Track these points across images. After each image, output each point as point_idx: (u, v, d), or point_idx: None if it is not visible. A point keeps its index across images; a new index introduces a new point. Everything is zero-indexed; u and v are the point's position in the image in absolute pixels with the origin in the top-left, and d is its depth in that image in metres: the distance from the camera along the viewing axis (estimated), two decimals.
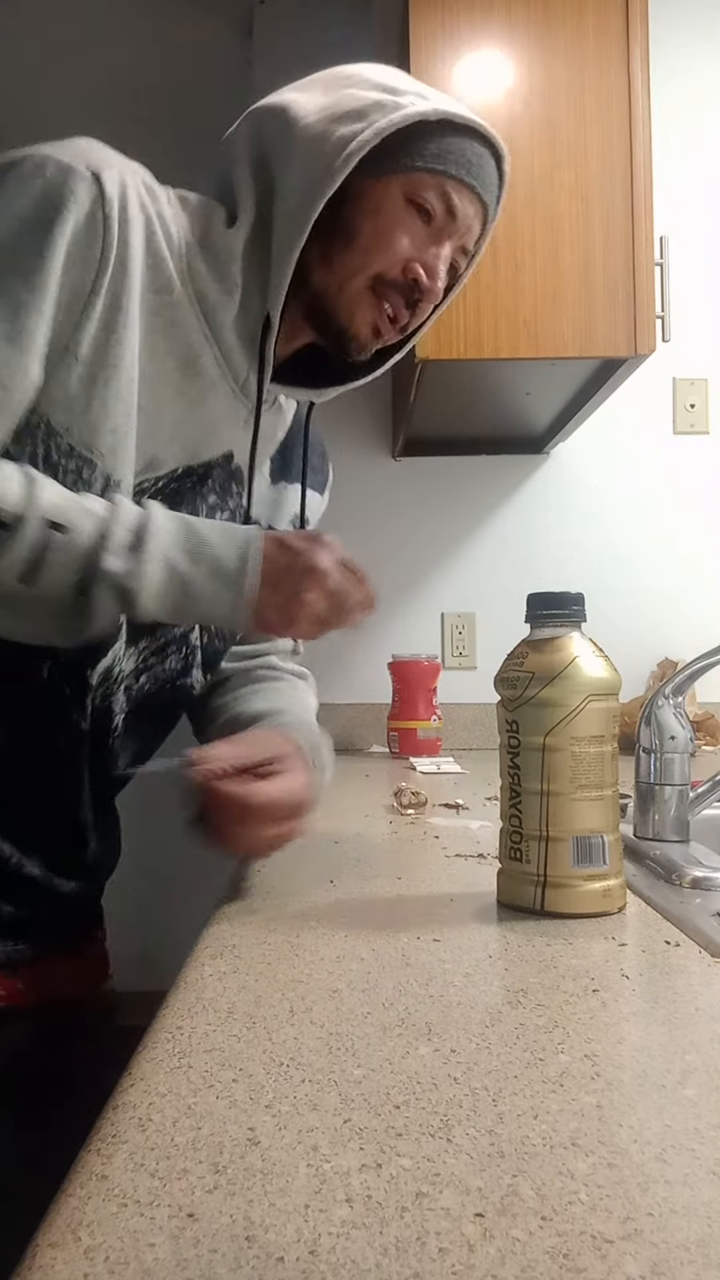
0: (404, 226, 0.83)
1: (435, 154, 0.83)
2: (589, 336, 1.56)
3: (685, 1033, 0.46)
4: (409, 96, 0.82)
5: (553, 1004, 0.49)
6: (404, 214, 0.83)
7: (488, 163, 0.86)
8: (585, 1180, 0.33)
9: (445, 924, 0.64)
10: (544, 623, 0.69)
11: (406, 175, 0.83)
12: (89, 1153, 0.35)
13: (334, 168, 0.79)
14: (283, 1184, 0.33)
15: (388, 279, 0.84)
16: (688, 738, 0.89)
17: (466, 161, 0.84)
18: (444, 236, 0.85)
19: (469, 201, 0.85)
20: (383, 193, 0.83)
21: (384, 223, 0.83)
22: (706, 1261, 0.28)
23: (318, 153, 0.80)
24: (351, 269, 0.84)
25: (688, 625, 2.15)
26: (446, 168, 0.83)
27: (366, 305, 0.85)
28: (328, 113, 0.82)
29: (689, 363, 2.19)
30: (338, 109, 0.82)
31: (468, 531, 2.23)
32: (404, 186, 0.83)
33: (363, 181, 0.82)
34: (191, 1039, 0.46)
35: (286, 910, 0.69)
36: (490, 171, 0.87)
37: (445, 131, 0.83)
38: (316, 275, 0.84)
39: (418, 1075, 0.41)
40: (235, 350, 0.84)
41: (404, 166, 0.82)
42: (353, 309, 0.85)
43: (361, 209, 0.83)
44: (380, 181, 0.83)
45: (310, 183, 0.80)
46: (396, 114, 0.80)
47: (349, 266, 0.84)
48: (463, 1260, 0.29)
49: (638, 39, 1.57)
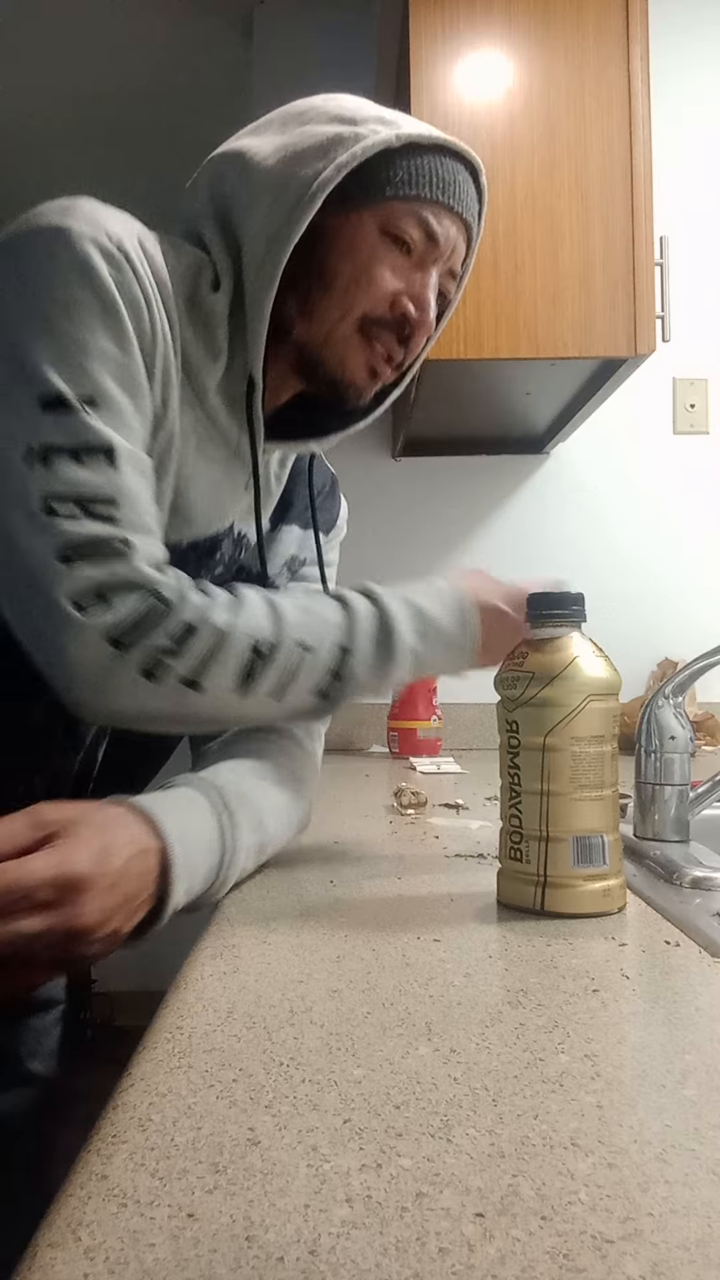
0: (384, 261, 0.79)
1: (406, 180, 0.79)
2: (589, 336, 1.56)
3: (685, 1033, 0.46)
4: (369, 125, 0.78)
5: (553, 1004, 0.49)
6: (382, 248, 0.79)
7: (464, 180, 0.82)
8: (585, 1180, 0.33)
9: (445, 924, 0.64)
10: (544, 623, 0.69)
11: (378, 207, 0.78)
12: (89, 1153, 0.35)
13: (297, 212, 0.75)
14: (283, 1184, 0.33)
15: (375, 318, 0.80)
16: (688, 738, 0.89)
17: (441, 182, 0.80)
18: (428, 264, 0.81)
19: (449, 224, 0.81)
20: (356, 229, 0.79)
21: (362, 260, 0.79)
22: (706, 1261, 0.28)
23: (279, 198, 0.76)
24: (335, 315, 0.80)
25: (688, 625, 2.15)
26: (420, 192, 0.79)
27: (357, 349, 0.81)
28: (285, 153, 0.78)
29: (689, 363, 2.19)
30: (296, 148, 0.77)
31: (468, 531, 2.23)
32: (377, 219, 0.79)
33: (333, 221, 0.78)
34: (191, 1039, 0.46)
35: (286, 910, 0.69)
36: (468, 188, 0.82)
37: (413, 155, 0.79)
38: (298, 328, 0.81)
39: (418, 1075, 0.41)
40: (222, 414, 0.81)
41: (374, 198, 0.78)
42: (343, 356, 0.81)
43: (336, 250, 0.79)
44: (351, 218, 0.78)
45: (274, 230, 0.76)
46: (358, 145, 0.76)
47: (332, 313, 0.80)
48: (463, 1260, 0.29)
49: (638, 39, 1.57)
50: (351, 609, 0.77)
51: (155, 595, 0.69)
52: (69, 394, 0.67)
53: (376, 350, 0.81)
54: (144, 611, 0.68)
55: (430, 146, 0.80)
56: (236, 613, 0.72)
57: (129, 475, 0.69)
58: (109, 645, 0.67)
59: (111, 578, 0.67)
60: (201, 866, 0.67)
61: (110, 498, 0.68)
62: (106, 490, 0.68)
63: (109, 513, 0.68)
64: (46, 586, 0.66)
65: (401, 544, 2.21)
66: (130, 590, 0.68)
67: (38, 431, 0.67)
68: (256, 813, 0.75)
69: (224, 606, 0.72)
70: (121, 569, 0.68)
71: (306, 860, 0.84)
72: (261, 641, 0.73)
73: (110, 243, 0.70)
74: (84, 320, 0.68)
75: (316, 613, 0.76)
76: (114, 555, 0.67)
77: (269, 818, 0.77)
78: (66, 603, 0.66)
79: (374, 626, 0.77)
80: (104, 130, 3.00)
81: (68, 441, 0.67)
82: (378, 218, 0.79)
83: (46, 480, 0.67)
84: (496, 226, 1.57)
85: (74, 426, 0.67)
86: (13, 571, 0.69)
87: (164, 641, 0.69)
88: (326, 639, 0.76)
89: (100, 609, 0.67)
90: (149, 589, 0.69)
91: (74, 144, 3.06)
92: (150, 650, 0.68)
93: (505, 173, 1.57)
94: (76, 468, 0.67)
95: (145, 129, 2.98)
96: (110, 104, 2.86)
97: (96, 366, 0.68)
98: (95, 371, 0.68)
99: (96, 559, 0.67)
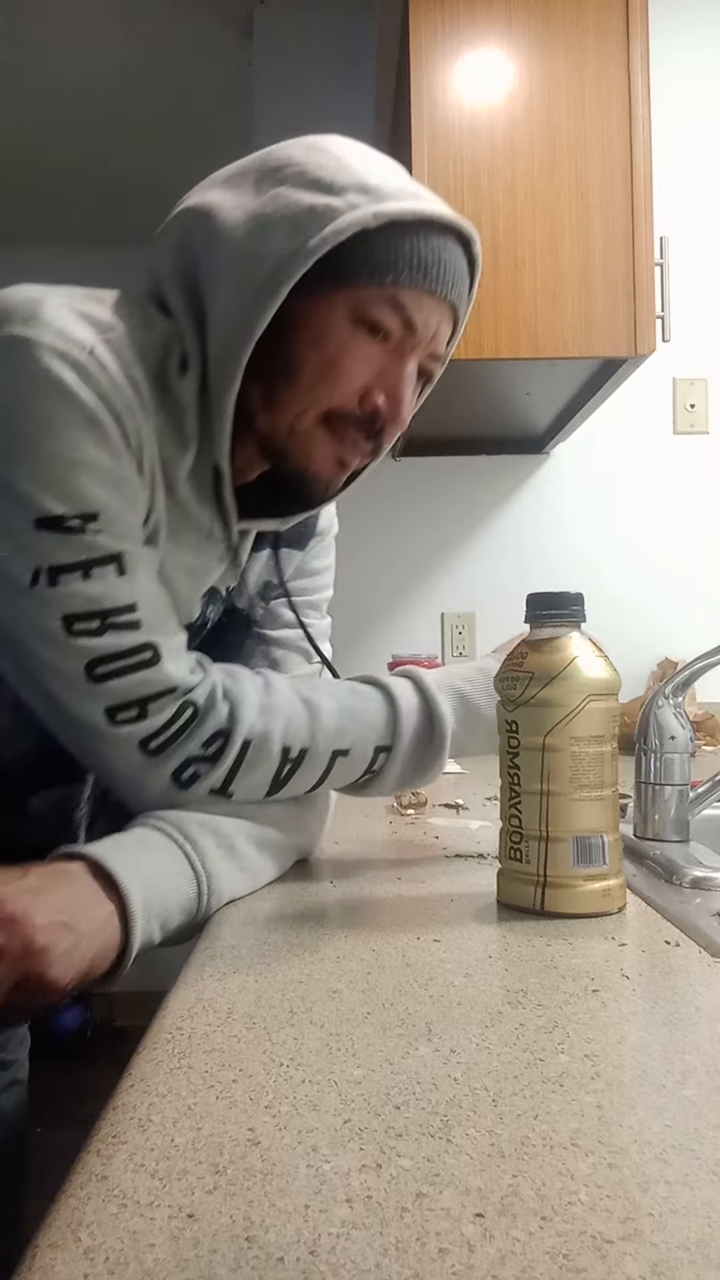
0: (353, 352, 0.72)
1: (383, 263, 0.70)
2: (589, 336, 1.56)
3: (685, 1033, 0.46)
4: (348, 195, 0.69)
5: (553, 1004, 0.49)
6: (352, 338, 0.71)
7: (451, 256, 0.73)
8: (585, 1180, 0.33)
9: (445, 924, 0.64)
10: (544, 623, 0.69)
11: (350, 291, 0.70)
12: (89, 1153, 0.35)
13: (261, 300, 0.69)
14: (283, 1184, 0.33)
15: (343, 413, 0.73)
16: (688, 738, 0.89)
17: (423, 265, 0.71)
18: (406, 353, 0.73)
19: (431, 309, 0.73)
20: (325, 316, 0.71)
21: (330, 352, 0.71)
22: (706, 1261, 0.28)
23: (245, 277, 0.70)
24: (298, 408, 0.73)
25: (688, 625, 2.15)
26: (398, 277, 0.70)
27: (324, 443, 0.74)
28: (256, 221, 0.70)
29: (689, 363, 2.19)
30: (267, 219, 0.70)
31: (468, 531, 2.23)
32: (349, 305, 0.71)
33: (301, 305, 0.70)
34: (191, 1039, 0.46)
35: (286, 910, 0.69)
36: (455, 265, 0.73)
37: (394, 234, 0.70)
38: (261, 418, 0.74)
39: (418, 1075, 0.41)
40: (193, 502, 0.76)
41: (346, 282, 0.70)
42: (308, 450, 0.75)
43: (303, 339, 0.71)
44: (321, 302, 0.71)
45: (238, 320, 0.70)
46: (329, 227, 0.68)
47: (295, 405, 0.73)
48: (463, 1261, 0.29)
49: (638, 38, 1.57)
50: (397, 708, 0.79)
51: (188, 702, 0.70)
52: (68, 515, 0.66)
53: (344, 444, 0.75)
54: (177, 720, 0.69)
55: (414, 224, 0.71)
56: (270, 718, 0.73)
57: (141, 578, 0.69)
58: (143, 754, 0.69)
59: (143, 687, 0.68)
60: (161, 880, 0.66)
61: (129, 604, 0.68)
62: (123, 599, 0.67)
63: (130, 619, 0.68)
64: (80, 704, 0.68)
65: (401, 544, 2.21)
66: (161, 697, 0.69)
67: (42, 555, 0.65)
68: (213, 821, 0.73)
69: (256, 708, 0.73)
70: (152, 676, 0.68)
71: (306, 860, 0.85)
72: (294, 748, 0.74)
73: (79, 352, 0.66)
74: (71, 440, 0.65)
75: (358, 713, 0.77)
76: (142, 665, 0.68)
77: (234, 823, 0.74)
78: (102, 718, 0.68)
79: (419, 725, 0.79)
80: (104, 130, 2.99)
81: (75, 560, 0.66)
82: (349, 304, 0.71)
83: (61, 601, 0.66)
84: (497, 226, 1.57)
85: (78, 545, 0.66)
86: (40, 689, 0.69)
87: (197, 750, 0.70)
88: (365, 742, 0.77)
89: (134, 720, 0.68)
90: (180, 696, 0.69)
91: (74, 143, 3.06)
92: (183, 758, 0.70)
93: (505, 172, 1.57)
94: (88, 584, 0.66)
95: (145, 129, 2.98)
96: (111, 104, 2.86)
97: (90, 483, 0.66)
98: (90, 489, 0.66)
99: (126, 672, 0.67)
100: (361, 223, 0.69)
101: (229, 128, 2.61)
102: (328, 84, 2.32)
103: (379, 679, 0.81)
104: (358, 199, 0.69)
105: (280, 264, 0.68)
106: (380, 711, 0.78)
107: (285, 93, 2.32)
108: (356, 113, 2.25)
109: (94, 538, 0.66)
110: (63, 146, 3.08)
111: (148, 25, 2.52)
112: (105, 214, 3.44)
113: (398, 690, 0.80)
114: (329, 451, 0.75)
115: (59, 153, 3.12)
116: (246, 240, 0.70)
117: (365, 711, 0.78)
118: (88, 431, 0.66)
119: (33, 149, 3.10)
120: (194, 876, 0.68)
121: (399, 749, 0.78)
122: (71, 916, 0.59)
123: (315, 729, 0.75)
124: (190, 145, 2.91)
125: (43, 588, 0.66)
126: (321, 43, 2.35)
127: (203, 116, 2.88)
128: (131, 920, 0.62)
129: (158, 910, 0.65)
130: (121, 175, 3.20)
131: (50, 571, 0.66)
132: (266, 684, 0.75)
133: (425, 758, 0.80)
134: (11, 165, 3.19)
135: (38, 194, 3.37)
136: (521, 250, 1.57)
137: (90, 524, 0.66)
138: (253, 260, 0.69)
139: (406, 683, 0.81)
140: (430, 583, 2.22)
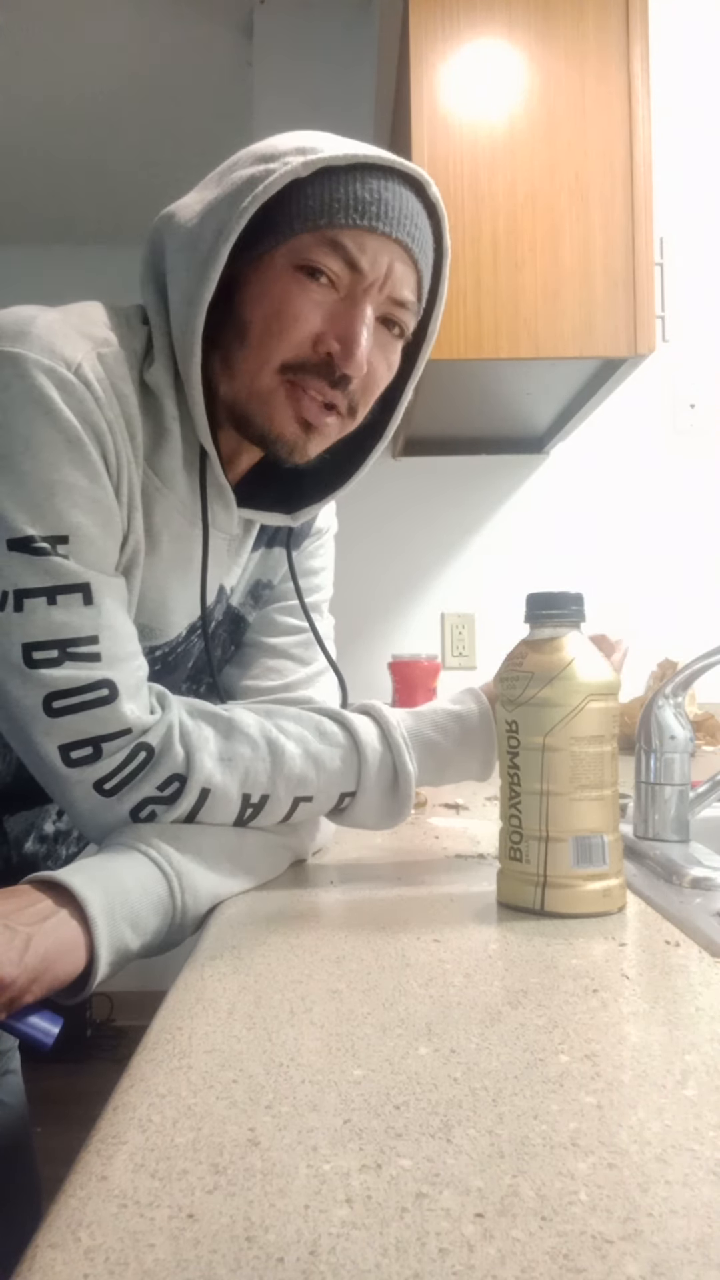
0: (297, 298, 0.71)
1: (316, 208, 0.70)
2: (589, 336, 1.56)
3: (685, 1033, 0.46)
4: (286, 159, 0.70)
5: (553, 1004, 0.49)
6: (294, 285, 0.71)
7: (396, 196, 0.72)
8: (585, 1180, 0.33)
9: (445, 924, 0.64)
10: (543, 623, 0.69)
11: (289, 243, 0.71)
12: (89, 1153, 0.35)
13: (206, 269, 0.70)
14: (283, 1184, 0.33)
15: (297, 363, 0.72)
16: (688, 738, 0.89)
17: (359, 203, 0.70)
18: (359, 297, 0.72)
19: (378, 249, 0.71)
20: (266, 272, 0.72)
21: (274, 303, 0.71)
22: (706, 1261, 0.28)
23: (192, 255, 0.71)
24: (254, 365, 0.73)
25: (688, 625, 2.15)
26: (333, 219, 0.70)
27: (283, 401, 0.73)
28: (204, 209, 0.72)
29: (689, 362, 2.19)
30: (214, 201, 0.72)
31: (468, 531, 2.23)
32: (288, 255, 0.71)
33: (246, 270, 0.72)
34: (191, 1039, 0.46)
35: (286, 910, 0.69)
36: (403, 205, 0.73)
37: (328, 179, 0.71)
38: (223, 386, 0.75)
39: (418, 1075, 0.41)
40: (186, 490, 0.77)
41: (283, 235, 0.71)
42: (268, 409, 0.74)
43: (249, 298, 0.72)
44: (263, 260, 0.72)
45: (190, 292, 0.71)
46: (261, 186, 0.69)
47: (250, 364, 0.73)
48: (463, 1261, 0.29)
49: (638, 38, 1.57)
50: (362, 754, 0.78)
51: (141, 745, 0.69)
52: (38, 537, 0.65)
53: (306, 400, 0.73)
54: (130, 762, 0.69)
55: (350, 168, 0.71)
56: (229, 768, 0.72)
57: (107, 609, 0.69)
58: (100, 794, 0.69)
59: (97, 725, 0.67)
60: (127, 882, 0.65)
61: (91, 635, 0.67)
62: (86, 629, 0.67)
63: (90, 651, 0.67)
64: (37, 738, 0.68)
65: (402, 544, 2.21)
66: (116, 739, 0.68)
67: (9, 578, 0.66)
68: (173, 828, 0.72)
69: (214, 757, 0.72)
70: (107, 715, 0.68)
71: (306, 860, 0.85)
72: (254, 794, 0.73)
73: (68, 370, 0.66)
74: (49, 459, 0.66)
75: (322, 761, 0.76)
76: (99, 702, 0.67)
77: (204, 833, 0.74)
78: (56, 756, 0.68)
79: (382, 779, 0.79)
80: (105, 130, 2.99)
81: (41, 585, 0.66)
82: (287, 254, 0.71)
83: (24, 627, 0.66)
84: (497, 226, 1.57)
85: (47, 569, 0.66)
86: (6, 715, 0.69)
87: (152, 792, 0.70)
88: (330, 787, 0.77)
89: (88, 761, 0.68)
90: (135, 738, 0.69)
91: (75, 143, 3.06)
92: (139, 799, 0.70)
93: (505, 172, 1.57)
94: (53, 610, 0.66)
95: (146, 129, 2.98)
96: (111, 104, 2.86)
97: (64, 504, 0.66)
98: (64, 509, 0.66)
99: (81, 709, 0.67)
100: (292, 174, 0.69)
101: (229, 128, 2.61)
102: (328, 84, 2.32)
103: (347, 720, 0.79)
104: (292, 158, 0.70)
105: (219, 232, 0.70)
106: (347, 759, 0.77)
107: (285, 93, 2.32)
108: (356, 113, 2.25)
109: (62, 562, 0.66)
110: (63, 146, 3.08)
111: (148, 25, 2.52)
112: (106, 213, 3.44)
113: (363, 738, 0.78)
114: (290, 412, 0.74)
115: (59, 152, 3.12)
116: (194, 224, 0.72)
117: (330, 759, 0.77)
118: (66, 452, 0.66)
119: (33, 148, 3.10)
120: (162, 876, 0.67)
121: (362, 796, 0.78)
122: (8, 919, 0.58)
123: (277, 777, 0.74)
124: (190, 145, 2.91)
125: (9, 612, 0.66)
126: (321, 43, 2.35)
127: (203, 116, 2.88)
128: (92, 923, 0.61)
129: (124, 911, 0.64)
130: (122, 174, 3.20)
131: (16, 595, 0.66)
132: (230, 726, 0.74)
133: (390, 808, 0.80)
134: (12, 164, 3.19)
135: (38, 193, 3.37)
136: (521, 250, 1.57)
137: (60, 546, 0.66)
138: (198, 240, 0.71)
139: (374, 730, 0.79)
140: (430, 582, 2.22)
